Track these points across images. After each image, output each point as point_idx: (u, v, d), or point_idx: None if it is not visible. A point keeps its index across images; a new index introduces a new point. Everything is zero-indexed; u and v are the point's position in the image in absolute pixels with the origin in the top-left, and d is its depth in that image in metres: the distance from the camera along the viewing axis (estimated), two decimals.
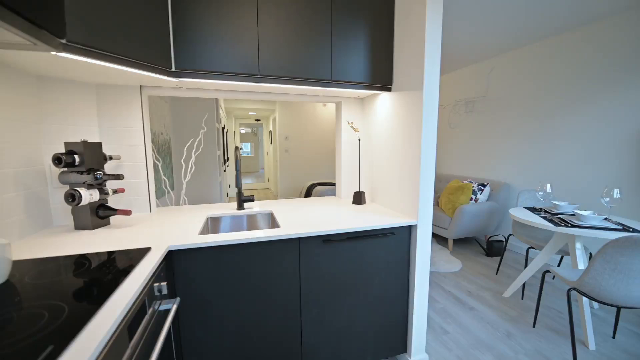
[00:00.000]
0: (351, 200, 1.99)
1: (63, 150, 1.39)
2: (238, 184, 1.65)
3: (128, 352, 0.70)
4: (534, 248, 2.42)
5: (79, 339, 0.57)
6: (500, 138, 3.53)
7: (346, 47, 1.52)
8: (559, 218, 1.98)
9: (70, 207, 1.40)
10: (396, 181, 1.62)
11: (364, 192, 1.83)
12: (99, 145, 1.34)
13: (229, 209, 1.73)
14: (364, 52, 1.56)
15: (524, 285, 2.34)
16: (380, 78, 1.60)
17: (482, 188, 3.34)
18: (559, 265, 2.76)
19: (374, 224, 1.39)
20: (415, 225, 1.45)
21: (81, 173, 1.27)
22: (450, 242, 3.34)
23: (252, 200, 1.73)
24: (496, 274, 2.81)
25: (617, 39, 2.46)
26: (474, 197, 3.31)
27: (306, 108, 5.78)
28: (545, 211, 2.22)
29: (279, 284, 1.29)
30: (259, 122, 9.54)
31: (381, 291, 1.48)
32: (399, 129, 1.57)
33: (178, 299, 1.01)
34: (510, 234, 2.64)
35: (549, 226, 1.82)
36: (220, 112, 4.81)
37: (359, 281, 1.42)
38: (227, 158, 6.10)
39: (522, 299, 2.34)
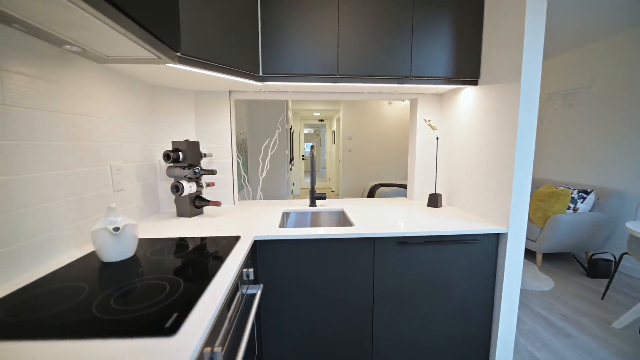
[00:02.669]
0: (425, 202, 1.89)
1: (169, 148, 1.63)
2: (313, 182, 1.71)
3: (226, 324, 0.78)
4: None
5: (195, 309, 0.66)
6: (609, 137, 2.94)
7: (428, 41, 1.44)
8: None
9: (173, 197, 1.63)
10: (481, 184, 1.48)
11: (440, 195, 1.71)
12: (198, 144, 1.53)
13: (301, 205, 1.81)
14: (448, 44, 1.45)
15: None
16: (465, 71, 1.48)
17: (584, 196, 2.82)
18: None
19: (455, 228, 1.29)
20: (505, 234, 1.30)
21: (183, 168, 1.46)
22: (539, 257, 2.91)
23: (324, 198, 1.77)
24: (602, 299, 2.35)
25: None
26: (572, 205, 2.83)
27: (371, 107, 5.69)
28: None
29: (352, 282, 1.29)
30: (322, 122, 9.76)
31: (461, 303, 1.36)
32: (487, 127, 1.42)
33: (261, 285, 1.09)
34: (624, 253, 2.18)
35: None
36: (289, 113, 5.06)
37: (436, 289, 1.34)
38: (293, 157, 6.40)
39: None
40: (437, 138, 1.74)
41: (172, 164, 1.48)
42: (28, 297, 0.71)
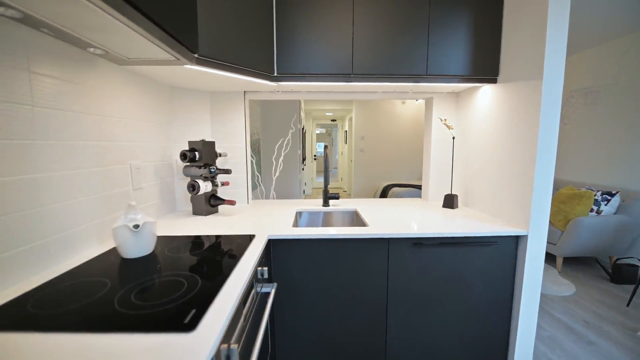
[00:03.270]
0: (440, 203, 1.85)
1: (186, 148, 1.66)
2: (326, 181, 1.71)
3: (242, 322, 0.79)
4: None
5: (213, 306, 0.67)
6: (635, 136, 2.80)
7: (445, 38, 1.41)
8: None
9: (189, 196, 1.66)
10: (499, 185, 1.44)
11: (456, 195, 1.68)
12: (213, 144, 1.56)
13: (314, 205, 1.81)
14: (465, 41, 1.42)
15: None
16: (484, 69, 1.44)
17: (609, 198, 2.70)
18: None
19: (472, 230, 1.26)
20: (525, 236, 1.25)
21: (199, 167, 1.49)
22: (559, 261, 2.81)
23: (337, 198, 1.77)
24: (627, 305, 2.24)
25: None
26: (595, 208, 2.71)
27: (384, 107, 5.64)
28: None
29: (366, 283, 1.28)
30: (334, 122, 9.74)
31: (478, 306, 1.33)
32: (506, 126, 1.38)
33: (275, 284, 1.10)
34: None
35: None
36: (302, 113, 5.08)
37: (452, 291, 1.31)
38: (305, 157, 6.41)
39: None
40: (453, 138, 1.70)
41: (188, 163, 1.50)
42: (54, 290, 0.74)
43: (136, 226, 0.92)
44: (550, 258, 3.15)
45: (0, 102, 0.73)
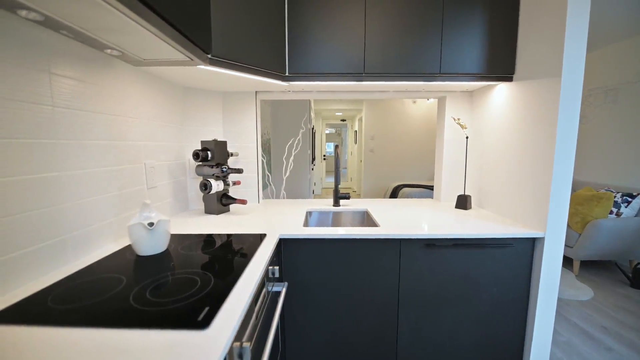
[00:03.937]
0: (452, 203, 1.82)
1: (199, 147, 1.69)
2: (337, 181, 1.70)
3: (253, 320, 0.80)
4: None
5: (226, 304, 0.67)
6: None
7: (458, 36, 1.39)
8: None
9: (202, 195, 1.68)
10: (515, 185, 1.40)
11: (469, 196, 1.65)
12: (225, 143, 1.57)
13: (325, 204, 1.80)
14: (480, 38, 1.39)
15: None
16: (499, 67, 1.41)
17: (629, 200, 2.61)
18: None
19: (487, 231, 1.23)
20: (542, 239, 1.22)
21: (211, 167, 1.50)
22: (576, 264, 2.73)
23: (348, 198, 1.76)
24: None
25: None
26: (615, 210, 2.62)
27: (395, 106, 5.59)
28: None
29: (377, 283, 1.27)
30: (344, 122, 9.72)
31: (491, 309, 1.30)
32: (523, 125, 1.35)
33: (286, 283, 1.10)
34: None
35: None
36: (312, 113, 5.08)
37: (465, 294, 1.29)
38: (314, 157, 6.41)
39: None
40: (467, 137, 1.67)
41: (201, 163, 1.52)
42: (72, 286, 0.76)
43: (151, 224, 0.94)
44: (566, 261, 3.06)
45: (24, 102, 0.75)
